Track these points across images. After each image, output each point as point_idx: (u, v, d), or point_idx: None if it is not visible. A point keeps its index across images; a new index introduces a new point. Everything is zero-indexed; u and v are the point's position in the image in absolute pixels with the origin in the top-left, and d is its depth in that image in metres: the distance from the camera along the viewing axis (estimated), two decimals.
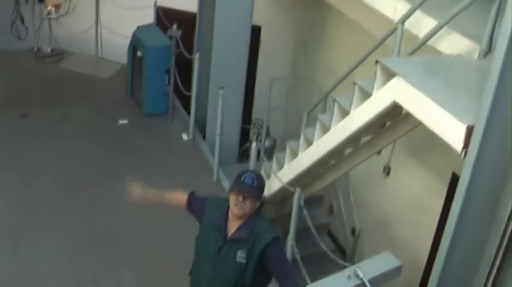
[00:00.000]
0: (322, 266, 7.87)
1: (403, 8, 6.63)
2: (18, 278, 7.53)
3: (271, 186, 8.67)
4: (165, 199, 5.93)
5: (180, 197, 5.79)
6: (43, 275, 7.61)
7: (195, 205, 5.64)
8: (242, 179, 5.19)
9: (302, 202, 7.54)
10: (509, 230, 4.80)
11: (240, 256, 5.20)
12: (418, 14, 6.45)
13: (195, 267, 5.53)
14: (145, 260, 7.98)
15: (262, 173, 9.02)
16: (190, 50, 10.72)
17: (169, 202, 5.91)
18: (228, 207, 5.29)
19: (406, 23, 6.54)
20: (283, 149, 8.45)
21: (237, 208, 5.17)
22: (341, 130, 6.91)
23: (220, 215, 5.32)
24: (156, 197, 5.94)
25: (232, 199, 5.20)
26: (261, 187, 5.30)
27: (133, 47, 11.60)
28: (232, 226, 5.28)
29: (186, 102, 11.39)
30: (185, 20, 11.02)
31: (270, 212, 9.33)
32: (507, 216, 4.80)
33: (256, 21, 10.47)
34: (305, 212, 7.51)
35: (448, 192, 7.78)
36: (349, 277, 4.97)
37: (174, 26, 10.70)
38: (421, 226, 8.62)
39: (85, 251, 8.07)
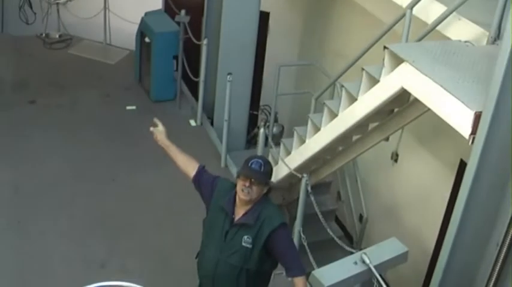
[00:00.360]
0: (329, 253, 7.90)
1: None
2: (26, 262, 7.57)
3: (279, 172, 8.67)
4: (177, 156, 5.83)
5: (192, 165, 5.73)
6: (51, 259, 7.65)
7: (202, 179, 5.59)
8: (249, 164, 5.17)
9: (309, 188, 7.54)
10: None
11: (246, 241, 5.20)
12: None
13: (201, 251, 5.52)
14: (152, 246, 8.01)
15: (270, 159, 9.03)
16: (198, 36, 10.70)
17: (179, 160, 5.81)
18: (236, 192, 5.27)
19: (415, 9, 6.51)
20: (291, 136, 8.44)
21: (243, 193, 5.15)
22: (348, 116, 6.89)
23: (229, 199, 5.29)
24: (171, 149, 5.83)
25: (239, 184, 5.18)
26: (269, 172, 5.28)
27: (142, 33, 11.58)
28: (240, 211, 5.26)
29: (194, 88, 11.38)
30: (193, 6, 11.00)
31: (277, 198, 9.36)
32: None
33: (264, 7, 10.45)
34: (312, 198, 7.50)
35: (456, 179, 7.75)
36: (356, 262, 5.00)
37: (182, 12, 10.67)
38: (428, 213, 8.60)
39: (93, 236, 8.11)
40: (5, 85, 11.45)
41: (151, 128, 5.86)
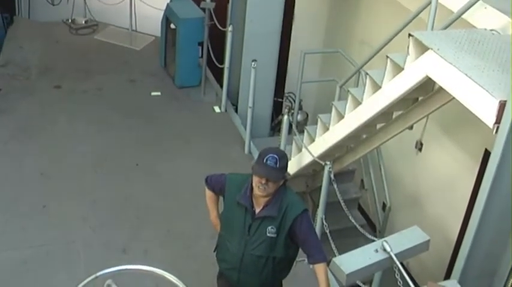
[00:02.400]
0: (352, 241, 7.89)
1: None
2: (49, 246, 7.63)
3: (302, 159, 8.67)
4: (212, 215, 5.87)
5: (208, 195, 5.76)
6: (74, 244, 7.71)
7: (215, 185, 5.58)
8: (265, 160, 5.03)
9: (332, 176, 7.52)
10: None
11: (271, 231, 5.18)
12: None
13: (222, 244, 5.51)
14: (174, 232, 8.04)
15: (294, 146, 9.03)
16: (223, 23, 10.69)
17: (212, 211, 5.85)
18: (251, 183, 5.20)
19: None
20: (315, 123, 8.42)
21: (260, 190, 5.08)
22: (373, 104, 6.87)
23: (244, 193, 5.23)
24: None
25: (255, 181, 5.10)
26: (285, 166, 5.15)
27: (167, 19, 11.60)
28: (259, 203, 5.22)
29: (218, 75, 11.40)
30: None
31: (301, 185, 9.40)
32: None
33: None
34: (335, 186, 7.49)
35: (480, 169, 7.71)
36: (377, 250, 4.98)
37: None
38: (452, 203, 8.57)
39: (116, 220, 8.15)
40: (31, 70, 11.54)
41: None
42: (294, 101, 11.19)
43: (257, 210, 5.23)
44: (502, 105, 4.72)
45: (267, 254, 5.25)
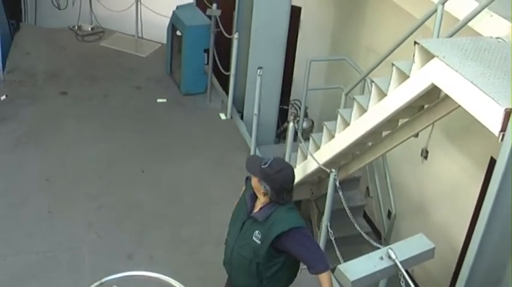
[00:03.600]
0: (357, 249, 7.88)
1: None
2: (55, 251, 7.64)
3: (308, 166, 8.67)
4: None
5: None
6: (80, 249, 7.72)
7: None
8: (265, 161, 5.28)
9: (338, 183, 7.52)
10: None
11: (256, 235, 5.24)
12: None
13: (227, 238, 5.65)
14: (180, 238, 8.05)
15: (299, 153, 9.04)
16: (229, 30, 10.71)
17: None
18: None
19: (447, 5, 6.46)
20: (321, 131, 8.43)
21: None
22: (378, 112, 6.87)
23: (251, 194, 5.39)
24: None
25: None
26: (268, 172, 5.15)
27: (173, 26, 11.63)
28: (257, 206, 5.36)
29: (224, 82, 11.42)
30: (225, 0, 11.02)
31: (306, 192, 9.40)
32: None
33: (296, 1, 10.43)
34: (340, 193, 7.49)
35: (486, 177, 7.70)
36: (382, 258, 4.98)
37: (214, 6, 10.68)
38: (458, 211, 8.56)
39: (121, 226, 8.16)
40: (37, 76, 11.57)
41: None
42: (300, 109, 11.20)
43: (253, 211, 5.36)
44: (508, 113, 4.72)
45: (250, 257, 5.29)
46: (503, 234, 5.14)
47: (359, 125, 7.29)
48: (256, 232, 5.24)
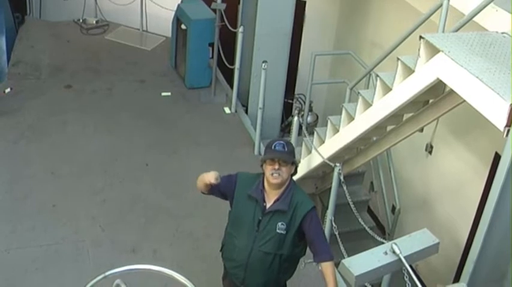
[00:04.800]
0: (361, 243, 7.88)
1: None
2: (59, 245, 7.66)
3: (312, 161, 8.66)
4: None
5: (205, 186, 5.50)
6: (83, 243, 7.73)
7: (226, 185, 5.44)
8: (273, 147, 5.18)
9: (342, 178, 7.52)
10: None
11: (280, 227, 5.22)
12: None
13: (229, 242, 5.52)
14: (183, 231, 8.05)
15: (303, 148, 9.04)
16: (234, 24, 10.69)
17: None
18: (263, 179, 5.29)
19: None
20: (325, 125, 8.42)
21: (274, 177, 5.16)
22: (383, 106, 6.86)
23: (256, 187, 5.30)
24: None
25: (268, 170, 5.18)
26: (292, 151, 5.28)
27: (178, 19, 11.61)
28: (270, 198, 5.27)
29: (229, 76, 11.40)
30: None
31: (310, 186, 9.38)
32: None
33: None
34: (344, 188, 7.48)
35: (491, 172, 7.69)
36: (386, 252, 4.97)
37: None
38: (462, 206, 8.55)
39: (125, 220, 8.16)
40: (42, 70, 11.57)
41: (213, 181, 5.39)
42: (304, 103, 11.20)
43: (268, 205, 5.27)
44: None
45: (274, 251, 5.27)
46: (507, 230, 5.13)
47: (364, 120, 7.28)
48: (279, 223, 5.22)
